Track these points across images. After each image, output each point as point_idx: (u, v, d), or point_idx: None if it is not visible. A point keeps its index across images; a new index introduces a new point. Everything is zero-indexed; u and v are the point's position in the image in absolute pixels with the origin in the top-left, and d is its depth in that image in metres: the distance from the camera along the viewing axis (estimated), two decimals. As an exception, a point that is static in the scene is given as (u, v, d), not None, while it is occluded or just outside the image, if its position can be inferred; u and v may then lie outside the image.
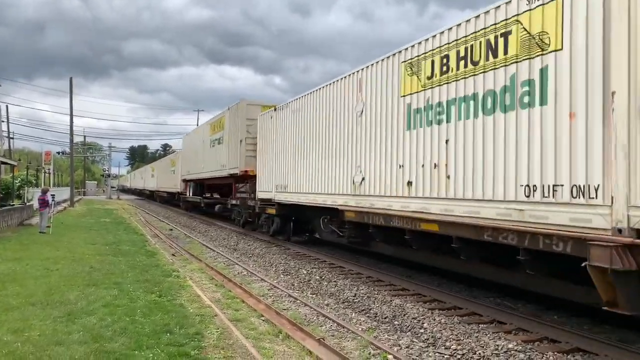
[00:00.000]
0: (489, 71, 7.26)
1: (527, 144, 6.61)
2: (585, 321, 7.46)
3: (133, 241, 17.04)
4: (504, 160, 6.97)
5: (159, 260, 12.83)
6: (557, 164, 6.14)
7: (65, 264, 11.61)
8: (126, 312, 7.43)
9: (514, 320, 7.45)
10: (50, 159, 50.23)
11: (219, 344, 6.28)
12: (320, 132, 13.10)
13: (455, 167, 7.94)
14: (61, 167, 71.61)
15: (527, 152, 6.59)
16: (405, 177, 9.22)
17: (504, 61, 6.99)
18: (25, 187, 27.77)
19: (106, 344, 5.99)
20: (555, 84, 6.20)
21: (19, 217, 22.50)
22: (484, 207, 7.26)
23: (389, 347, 6.49)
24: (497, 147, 7.11)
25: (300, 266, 12.53)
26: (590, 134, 5.72)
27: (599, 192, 5.60)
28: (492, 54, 7.22)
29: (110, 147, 75.56)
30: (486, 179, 7.27)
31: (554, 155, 6.19)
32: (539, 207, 6.37)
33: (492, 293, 9.28)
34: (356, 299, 9.19)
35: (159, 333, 6.48)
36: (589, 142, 5.75)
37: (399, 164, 9.42)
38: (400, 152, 9.42)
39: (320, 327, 7.41)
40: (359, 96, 11.02)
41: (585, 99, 5.80)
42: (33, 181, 32.68)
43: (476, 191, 7.44)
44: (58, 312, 7.34)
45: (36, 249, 14.04)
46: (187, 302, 8.34)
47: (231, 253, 15.31)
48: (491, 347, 6.39)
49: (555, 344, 6.53)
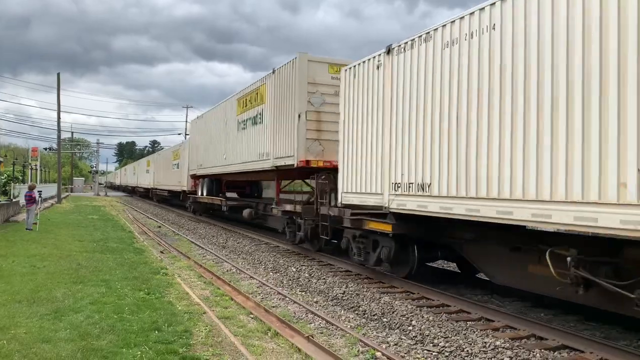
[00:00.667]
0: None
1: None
2: (572, 319, 7.55)
3: (121, 238, 16.92)
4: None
5: (147, 257, 12.75)
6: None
7: (52, 261, 11.51)
8: (114, 310, 7.39)
9: (502, 317, 7.50)
10: (37, 155, 49.72)
11: (207, 341, 6.26)
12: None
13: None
14: (48, 163, 70.90)
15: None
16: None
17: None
18: (12, 183, 27.44)
19: (93, 342, 5.95)
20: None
21: (5, 214, 22.24)
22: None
23: (378, 344, 6.52)
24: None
25: (289, 264, 12.53)
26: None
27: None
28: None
29: (98, 143, 75.00)
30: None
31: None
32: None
33: (480, 291, 9.34)
34: (345, 296, 9.21)
35: (147, 331, 6.45)
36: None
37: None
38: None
39: (309, 324, 7.42)
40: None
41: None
42: (19, 177, 32.33)
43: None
44: (45, 310, 7.28)
45: (22, 246, 13.90)
46: (175, 300, 8.30)
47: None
48: (479, 344, 6.44)
49: (542, 341, 6.59)
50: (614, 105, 5.42)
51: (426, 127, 8.41)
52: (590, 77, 5.67)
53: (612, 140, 5.43)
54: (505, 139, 6.77)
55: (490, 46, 7.05)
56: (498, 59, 6.92)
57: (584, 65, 5.73)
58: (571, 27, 5.90)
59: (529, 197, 6.36)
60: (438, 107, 8.13)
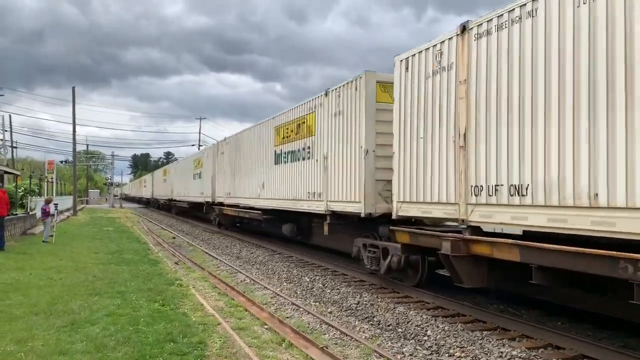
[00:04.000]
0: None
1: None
2: (588, 327, 7.44)
3: (136, 250, 17.04)
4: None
5: (162, 269, 12.83)
6: None
7: (69, 273, 11.63)
8: (129, 321, 7.43)
9: (518, 327, 7.42)
10: (53, 167, 50.35)
11: (222, 352, 6.28)
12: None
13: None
14: (64, 175, 71.79)
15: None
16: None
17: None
18: (28, 196, 27.81)
19: (109, 354, 5.99)
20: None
21: (22, 226, 22.54)
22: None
23: (393, 354, 6.48)
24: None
25: (302, 274, 12.51)
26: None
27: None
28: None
29: (113, 155, 75.88)
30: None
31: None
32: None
33: (496, 300, 9.25)
34: (359, 306, 9.18)
35: (162, 342, 6.48)
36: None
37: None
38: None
39: (324, 335, 7.40)
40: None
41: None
42: (36, 190, 32.76)
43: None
44: (61, 322, 7.35)
45: (39, 258, 14.06)
46: (190, 311, 8.34)
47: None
48: (495, 355, 6.38)
49: (559, 351, 6.51)
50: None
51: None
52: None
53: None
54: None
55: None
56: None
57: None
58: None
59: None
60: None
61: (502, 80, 7.11)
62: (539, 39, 6.49)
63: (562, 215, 6.12)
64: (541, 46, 6.45)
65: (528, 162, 6.63)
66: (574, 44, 5.99)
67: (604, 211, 5.58)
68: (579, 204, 5.88)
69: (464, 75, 7.88)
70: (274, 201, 16.18)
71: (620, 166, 5.43)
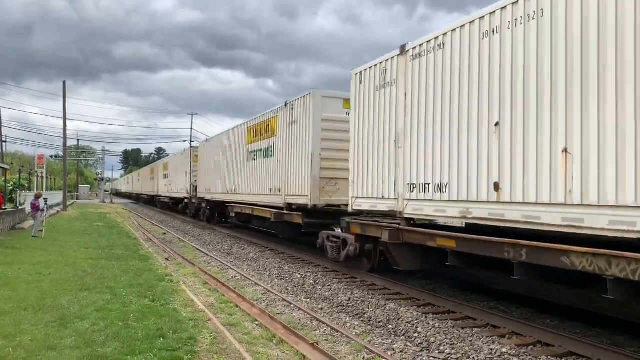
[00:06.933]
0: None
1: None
2: (577, 325, 7.49)
3: (126, 245, 16.95)
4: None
5: (152, 265, 12.77)
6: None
7: (58, 268, 11.54)
8: (119, 317, 7.39)
9: (508, 324, 7.46)
10: (43, 162, 49.95)
11: (212, 348, 6.26)
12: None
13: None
14: (54, 170, 71.18)
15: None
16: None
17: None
18: (18, 190, 27.56)
19: (99, 349, 5.95)
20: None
21: (11, 221, 22.33)
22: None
23: (383, 351, 6.49)
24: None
25: (294, 270, 12.51)
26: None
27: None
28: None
29: (103, 150, 75.38)
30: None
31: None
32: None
33: (486, 297, 9.29)
34: (350, 303, 9.19)
35: (152, 338, 6.45)
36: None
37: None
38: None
39: (314, 331, 7.40)
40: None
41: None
42: (26, 185, 32.47)
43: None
44: (50, 317, 7.29)
45: (28, 253, 13.94)
46: (180, 307, 8.30)
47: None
48: (485, 351, 6.40)
49: (548, 348, 6.55)
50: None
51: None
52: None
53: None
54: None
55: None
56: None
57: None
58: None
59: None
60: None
61: (429, 95, 8.60)
62: (454, 64, 8.01)
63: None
64: (456, 69, 7.98)
65: (446, 165, 8.15)
66: (469, 72, 7.71)
67: (499, 205, 7.07)
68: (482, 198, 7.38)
69: (402, 88, 9.35)
70: (243, 196, 19.06)
71: (515, 167, 6.84)
